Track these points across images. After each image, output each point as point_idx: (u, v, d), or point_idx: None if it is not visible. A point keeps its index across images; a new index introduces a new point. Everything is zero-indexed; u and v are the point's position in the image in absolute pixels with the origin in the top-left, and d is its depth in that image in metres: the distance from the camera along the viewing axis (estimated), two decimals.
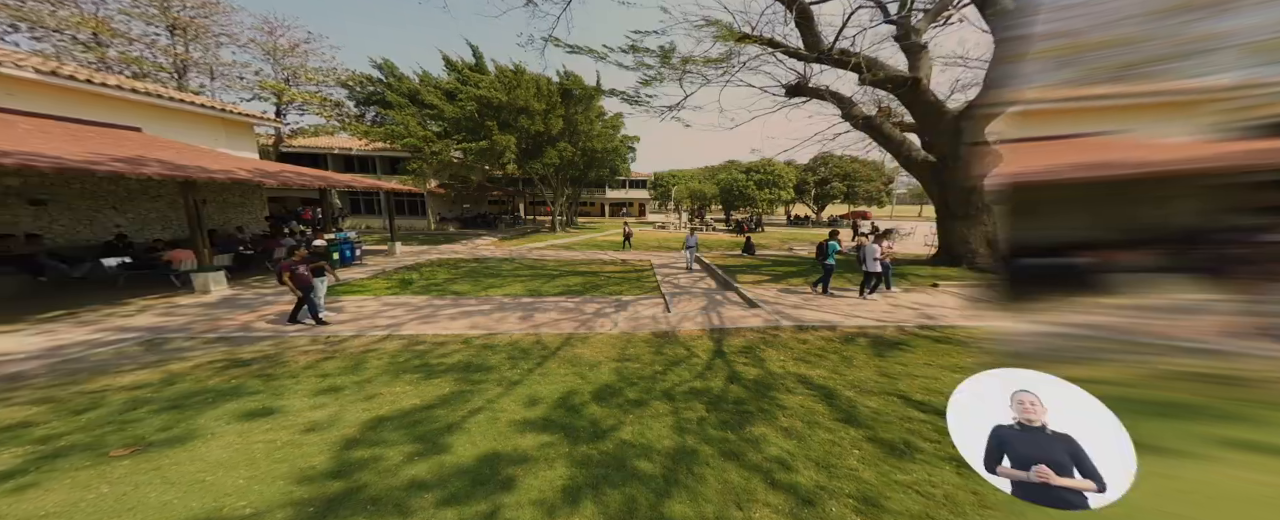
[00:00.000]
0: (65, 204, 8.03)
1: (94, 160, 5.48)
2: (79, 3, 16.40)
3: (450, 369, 4.02)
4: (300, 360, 4.15)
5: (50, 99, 7.63)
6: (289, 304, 5.76)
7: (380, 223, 22.17)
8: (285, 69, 21.10)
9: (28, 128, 6.66)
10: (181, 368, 3.92)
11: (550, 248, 15.38)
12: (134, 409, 3.09)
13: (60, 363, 3.97)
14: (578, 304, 6.93)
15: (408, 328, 5.34)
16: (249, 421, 2.95)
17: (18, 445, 2.58)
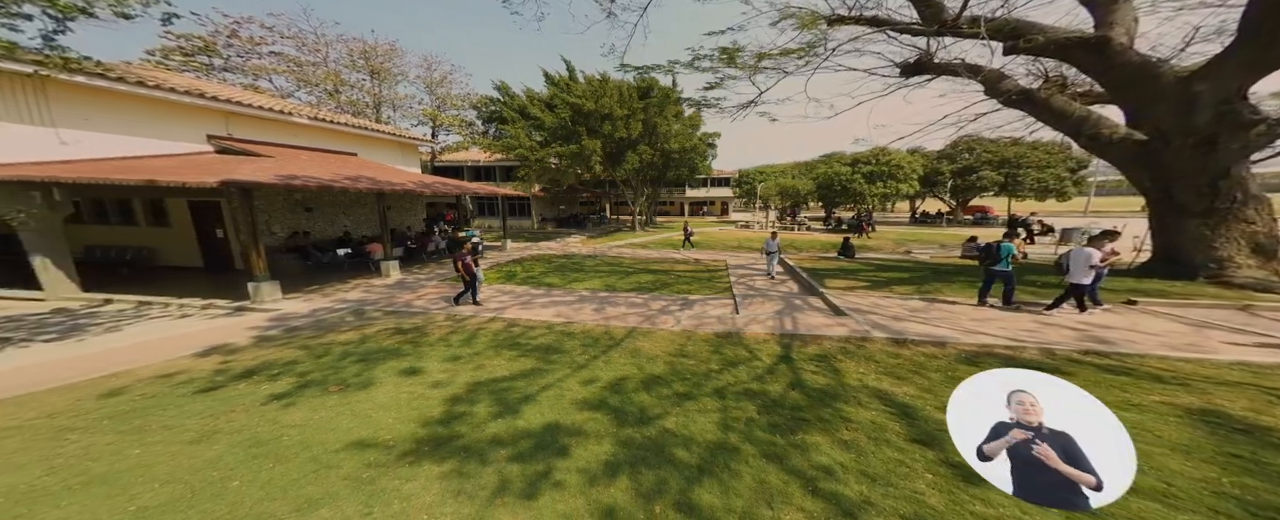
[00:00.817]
0: (320, 211, 11.80)
1: (334, 180, 7.96)
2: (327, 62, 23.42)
3: (534, 349, 4.78)
4: (436, 333, 5.44)
5: (312, 136, 11.28)
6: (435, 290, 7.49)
7: (496, 222, 26.36)
8: (437, 98, 26.60)
9: (305, 159, 10.00)
10: (370, 331, 5.54)
11: (628, 246, 16.21)
12: (343, 359, 4.56)
13: (313, 321, 6.02)
14: (646, 300, 7.29)
15: (509, 312, 6.44)
16: (401, 376, 4.08)
17: (289, 376, 4.09)
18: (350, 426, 3.14)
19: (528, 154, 17.50)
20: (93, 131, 7.29)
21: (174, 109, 8.37)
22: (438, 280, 9.17)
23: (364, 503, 2.32)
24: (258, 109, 9.86)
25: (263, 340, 5.13)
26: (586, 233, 22.04)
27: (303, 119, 10.79)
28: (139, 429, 3.07)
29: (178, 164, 7.44)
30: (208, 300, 6.88)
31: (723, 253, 13.77)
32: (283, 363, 4.38)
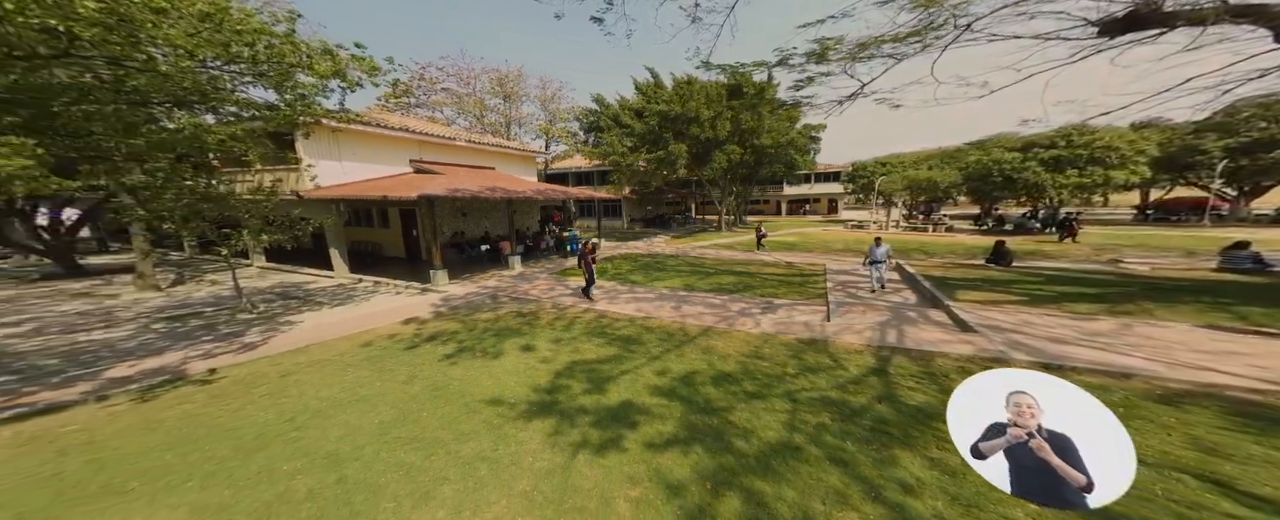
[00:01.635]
0: (470, 215, 15.05)
1: (480, 191, 10.17)
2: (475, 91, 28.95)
3: (618, 339, 5.49)
4: (545, 319, 6.65)
5: (467, 155, 14.40)
6: (546, 283, 8.97)
7: (593, 222, 28.84)
8: (549, 113, 30.33)
9: (464, 174, 12.91)
10: (501, 313, 7.08)
11: (712, 246, 16.02)
12: (485, 333, 6.01)
13: (466, 303, 7.95)
14: (724, 301, 7.39)
15: (599, 305, 7.37)
16: (521, 351, 5.23)
17: (453, 343, 5.64)
18: (488, 385, 4.28)
19: (620, 159, 18.76)
20: (353, 161, 10.82)
21: (393, 141, 11.73)
22: (547, 274, 10.85)
23: (494, 441, 3.27)
24: (437, 137, 13.06)
25: (437, 315, 7.06)
26: (671, 233, 22.52)
27: (462, 142, 13.86)
28: (378, 370, 4.76)
29: (394, 182, 10.54)
30: (408, 283, 9.65)
31: (823, 256, 12.64)
32: (449, 332, 6.03)
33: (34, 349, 5.37)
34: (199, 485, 2.76)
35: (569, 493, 2.67)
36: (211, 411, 3.75)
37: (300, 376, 4.48)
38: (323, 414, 3.70)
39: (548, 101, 30.42)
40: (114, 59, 4.00)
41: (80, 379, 4.43)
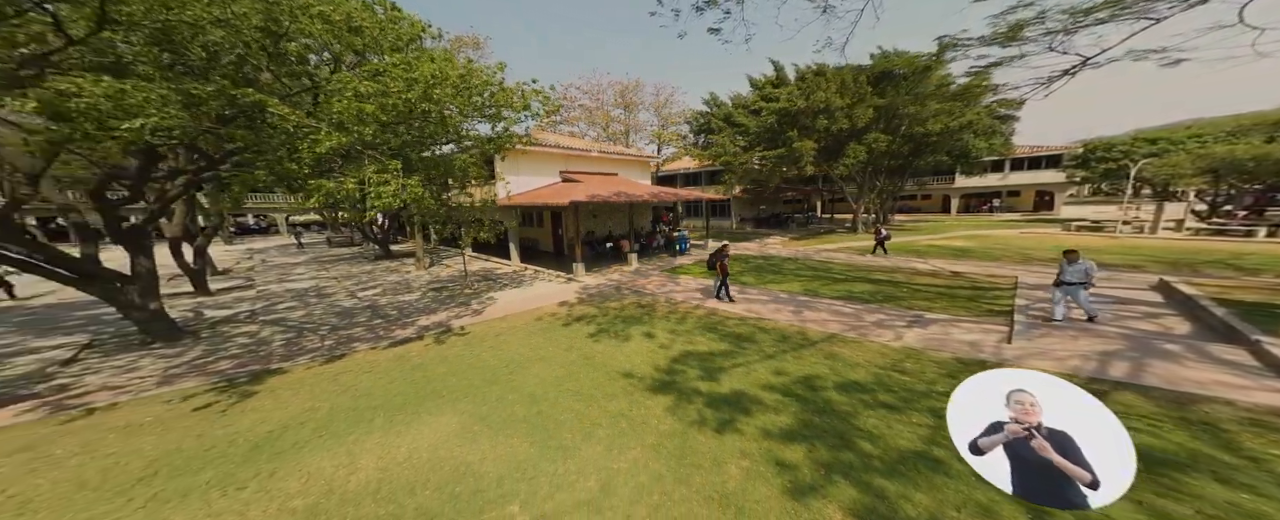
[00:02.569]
0: (599, 216, 17.38)
1: (609, 197, 11.80)
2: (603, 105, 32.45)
3: (729, 335, 5.97)
4: (660, 311, 7.57)
5: (597, 164, 16.66)
6: (659, 278, 9.97)
7: (699, 222, 28.93)
8: (662, 118, 31.76)
9: (596, 182, 15.04)
10: (625, 303, 8.32)
11: (841, 250, 14.44)
12: (615, 319, 7.25)
13: (598, 292, 9.52)
14: (857, 310, 6.98)
15: (709, 303, 7.91)
16: (643, 337, 6.22)
17: (593, 324, 7.04)
18: (622, 361, 5.35)
19: (732, 159, 18.56)
20: (524, 176, 13.84)
21: (549, 157, 14.51)
22: (659, 271, 11.88)
23: (630, 404, 4.21)
24: (578, 150, 15.54)
25: (580, 301, 8.73)
26: (789, 233, 21.13)
27: (595, 153, 16.11)
28: (548, 339, 6.37)
29: (551, 191, 13.15)
30: (557, 272, 12.01)
31: (1016, 267, 10.16)
32: (589, 316, 7.50)
33: (386, 304, 8.93)
34: (470, 399, 4.45)
35: (687, 452, 3.37)
36: (468, 353, 5.76)
37: (506, 337, 6.39)
38: (523, 365, 5.30)
39: (660, 108, 32.00)
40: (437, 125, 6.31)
41: (408, 324, 7.26)
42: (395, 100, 5.09)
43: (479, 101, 6.65)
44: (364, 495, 2.90)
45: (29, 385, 4.87)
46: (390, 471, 3.17)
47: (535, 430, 3.78)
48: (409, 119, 5.73)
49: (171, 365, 5.42)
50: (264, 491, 2.94)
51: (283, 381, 4.86)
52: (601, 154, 16.50)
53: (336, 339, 6.42)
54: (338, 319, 7.68)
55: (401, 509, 2.78)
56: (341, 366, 5.31)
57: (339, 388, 4.60)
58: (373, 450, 3.43)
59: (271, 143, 4.77)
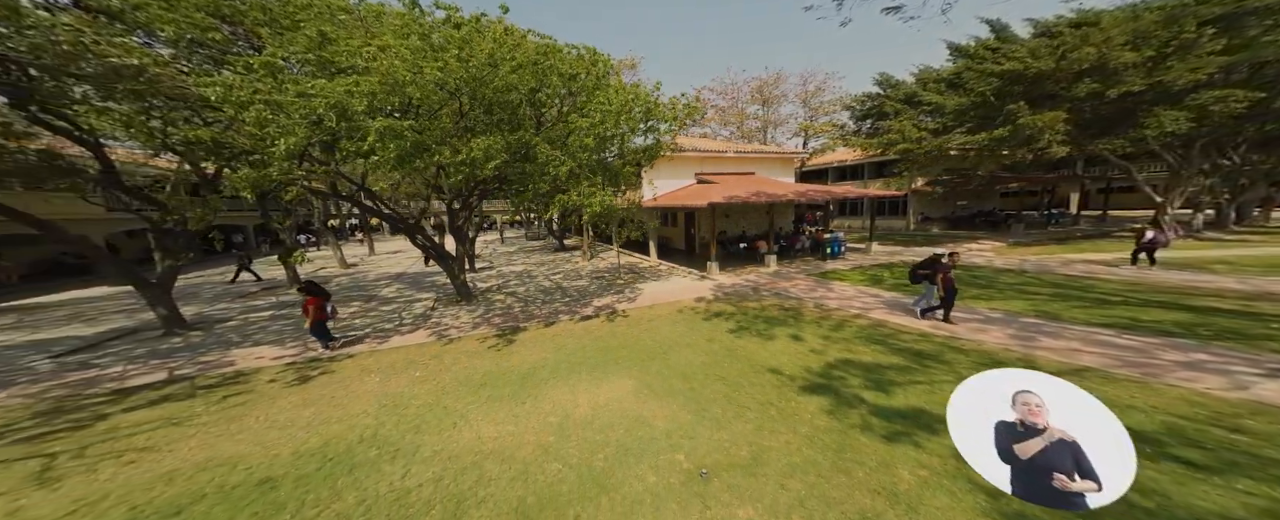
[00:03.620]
0: (731, 216, 17.31)
1: (747, 198, 11.67)
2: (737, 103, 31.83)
3: (904, 350, 5.23)
4: (808, 316, 7.12)
5: (731, 164, 16.59)
6: (805, 282, 9.31)
7: (858, 222, 24.75)
8: (810, 109, 28.67)
9: (731, 182, 15.08)
10: (764, 304, 8.15)
11: (1122, 260, 10.13)
12: (754, 318, 7.23)
13: (734, 291, 9.56)
14: (1143, 343, 5.02)
15: (875, 313, 6.98)
16: (790, 339, 6.03)
17: (732, 321, 7.18)
18: (766, 357, 5.37)
19: (913, 146, 15.38)
20: (663, 179, 15.04)
21: (686, 160, 15.31)
22: (805, 275, 11.02)
23: (778, 396, 4.24)
24: (712, 152, 15.90)
25: (716, 298, 9.01)
26: (1008, 237, 16.15)
27: (731, 154, 16.12)
28: (690, 329, 6.89)
29: (687, 193, 13.95)
30: (690, 269, 12.67)
31: None
32: (727, 313, 7.70)
33: (568, 287, 11.39)
34: (638, 369, 5.28)
35: (847, 448, 3.24)
36: (631, 333, 6.79)
37: (656, 323, 7.25)
38: (673, 348, 5.96)
39: (809, 98, 29.10)
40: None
41: (586, 305, 9.01)
42: (602, 130, 6.54)
43: (639, 115, 7.71)
44: (585, 423, 3.90)
45: (425, 320, 8.18)
46: (597, 410, 4.14)
47: (690, 402, 4.26)
48: (608, 143, 7.15)
49: (474, 317, 8.23)
50: (535, 409, 4.24)
51: (525, 336, 6.75)
52: (737, 154, 16.35)
53: (548, 310, 8.49)
54: (544, 295, 10.09)
55: (607, 438, 3.64)
56: (555, 330, 7.04)
57: (556, 346, 6.15)
58: (585, 394, 4.51)
59: (531, 170, 6.70)
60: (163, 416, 4.32)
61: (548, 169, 6.52)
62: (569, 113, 7.08)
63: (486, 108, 5.92)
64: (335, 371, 5.45)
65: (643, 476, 3.10)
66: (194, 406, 4.51)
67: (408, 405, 4.38)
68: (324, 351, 6.32)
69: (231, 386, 5.05)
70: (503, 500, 2.89)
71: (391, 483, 3.10)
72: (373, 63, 4.56)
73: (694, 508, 2.75)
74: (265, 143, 4.68)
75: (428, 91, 4.97)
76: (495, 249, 22.26)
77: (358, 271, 15.31)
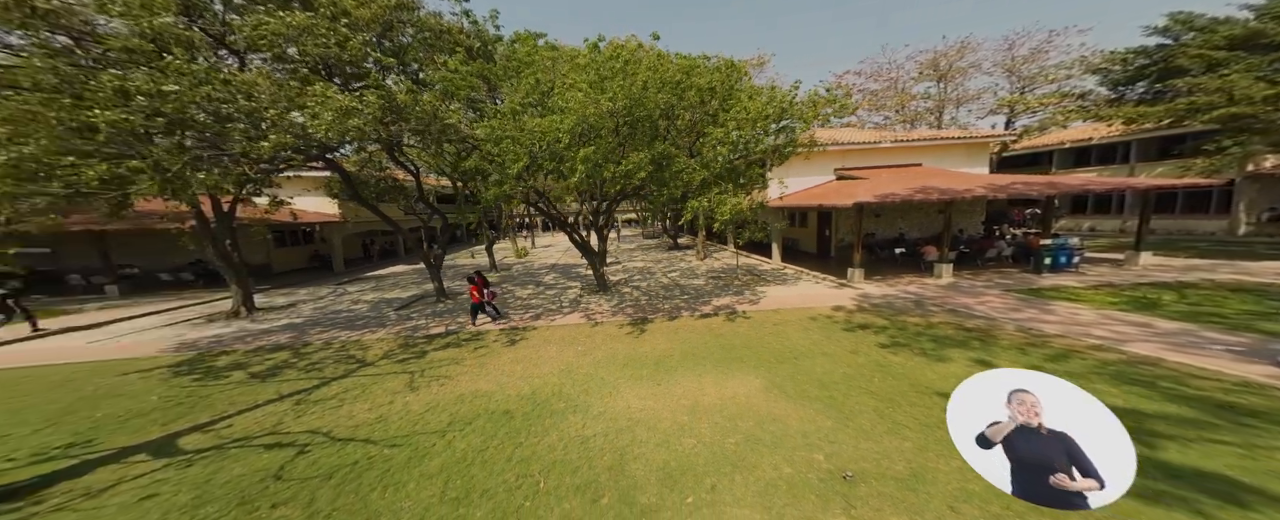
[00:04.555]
0: (884, 216, 14.63)
1: (912, 194, 9.60)
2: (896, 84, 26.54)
3: (1197, 400, 3.63)
4: (1005, 340, 5.56)
5: (887, 155, 14.00)
6: (999, 300, 7.15)
7: (1116, 223, 16.95)
8: (1021, 79, 21.34)
9: (886, 176, 12.77)
10: (933, 321, 6.70)
11: None
12: (918, 335, 6.06)
13: (885, 303, 8.17)
14: None
15: (1137, 346, 4.92)
16: (971, 362, 4.86)
17: (885, 334, 6.19)
18: (933, 379, 4.50)
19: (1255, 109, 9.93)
20: (794, 177, 13.87)
21: (823, 155, 13.74)
22: (1000, 290, 8.48)
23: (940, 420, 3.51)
24: (859, 144, 13.83)
25: (860, 308, 7.89)
26: None
27: (886, 144, 13.69)
28: (827, 337, 6.31)
29: (824, 190, 12.61)
30: (823, 275, 11.36)
31: None
32: (878, 325, 6.68)
33: (685, 285, 12.07)
34: (765, 370, 5.25)
35: None
36: (754, 334, 6.75)
37: (782, 328, 6.94)
38: (804, 355, 5.63)
39: (1018, 66, 21.95)
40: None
41: (705, 303, 9.36)
42: (735, 139, 6.82)
43: (773, 117, 7.52)
44: (714, 410, 4.20)
45: (574, 308, 10.20)
46: (724, 401, 4.39)
47: (830, 409, 3.99)
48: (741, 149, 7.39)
49: (611, 306, 9.67)
50: (668, 391, 4.73)
51: (653, 327, 7.52)
52: (896, 144, 13.76)
53: (670, 306, 9.21)
54: (664, 291, 10.92)
55: (736, 426, 3.84)
56: (677, 325, 7.62)
57: (680, 339, 6.68)
58: (712, 385, 4.82)
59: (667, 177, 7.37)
60: (448, 357, 6.43)
61: (682, 176, 7.10)
62: (702, 123, 7.51)
63: (632, 124, 6.89)
64: (529, 339, 7.18)
65: (777, 466, 3.16)
66: (462, 353, 6.70)
67: (577, 372, 5.46)
68: (472, 325, 8.02)
69: (476, 342, 7.22)
70: (651, 460, 3.40)
71: (577, 430, 3.95)
72: (569, 104, 5.97)
73: (835, 504, 2.68)
74: (504, 166, 6.63)
75: (602, 119, 6.14)
76: (615, 245, 24.41)
77: (524, 262, 18.97)
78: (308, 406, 4.57)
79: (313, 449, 3.64)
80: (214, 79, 4.51)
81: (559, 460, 3.42)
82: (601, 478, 3.17)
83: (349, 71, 6.90)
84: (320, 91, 4.91)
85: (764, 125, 7.44)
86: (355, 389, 5.07)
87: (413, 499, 2.94)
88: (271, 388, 5.14)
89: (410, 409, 4.47)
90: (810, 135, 9.80)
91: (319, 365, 6.03)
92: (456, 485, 3.09)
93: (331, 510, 2.86)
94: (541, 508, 2.85)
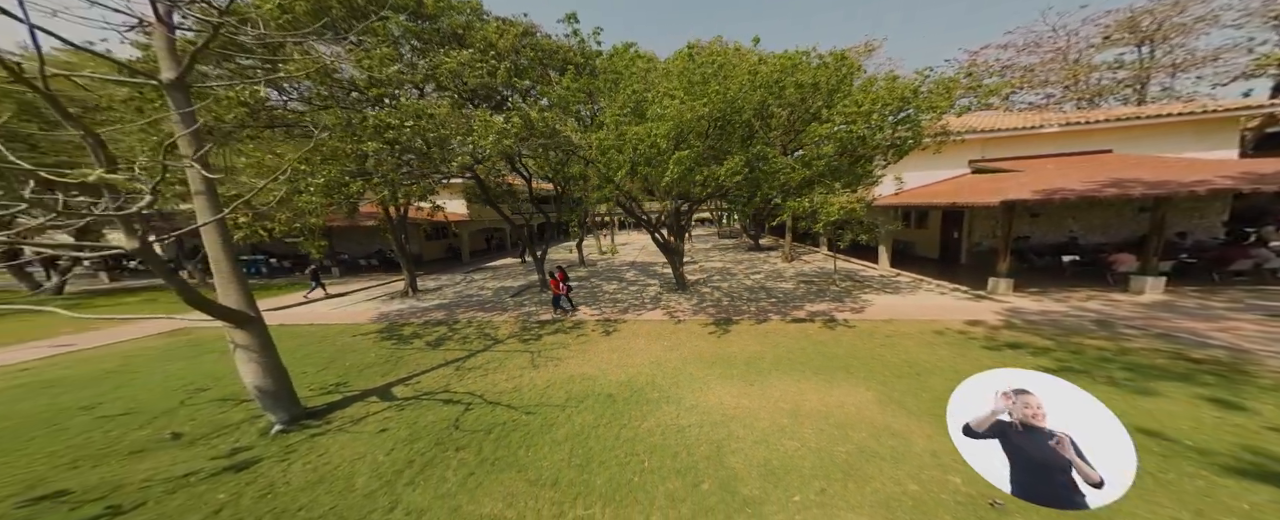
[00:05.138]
0: (1045, 215, 11.63)
1: (1094, 190, 7.42)
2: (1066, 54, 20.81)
3: None
4: (1267, 379, 3.99)
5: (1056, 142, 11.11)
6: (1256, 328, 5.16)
7: None
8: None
9: (1052, 167, 10.07)
10: (1129, 346, 5.17)
11: None
12: (1103, 361, 4.77)
13: (1048, 320, 6.52)
14: None
15: None
16: (1198, 399, 3.66)
17: (1048, 357, 5.01)
18: (1134, 416, 3.51)
19: None
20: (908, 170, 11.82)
21: (954, 146, 11.19)
22: (1262, 315, 6.04)
23: (1164, 466, 2.73)
24: (1007, 130, 11.28)
25: (1008, 325, 6.48)
26: None
27: (1053, 128, 10.91)
28: (961, 355, 5.39)
29: (952, 187, 10.64)
30: (951, 284, 9.54)
31: None
32: (1037, 346, 5.43)
33: (771, 288, 11.51)
34: (878, 383, 4.79)
35: None
36: (861, 344, 6.15)
37: (897, 340, 6.15)
38: (930, 371, 4.92)
39: None
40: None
41: (796, 308, 8.78)
42: (844, 136, 6.39)
43: (892, 109, 6.72)
44: (818, 416, 4.04)
45: (656, 304, 10.64)
46: (829, 409, 4.17)
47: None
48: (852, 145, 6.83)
49: (691, 305, 9.79)
50: (763, 392, 4.57)
51: (738, 329, 7.42)
52: (1069, 128, 10.87)
53: (756, 308, 8.91)
54: (748, 293, 10.56)
55: (847, 436, 3.63)
56: (766, 328, 7.37)
57: (771, 343, 6.47)
58: (814, 392, 4.60)
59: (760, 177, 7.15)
60: (556, 342, 7.23)
61: (779, 176, 6.84)
62: (801, 120, 7.13)
63: (722, 126, 6.80)
64: (620, 331, 7.74)
65: (899, 481, 2.92)
66: (567, 339, 7.55)
67: (666, 365, 5.73)
68: (556, 314, 8.77)
69: (577, 330, 8.05)
70: (751, 456, 3.44)
71: (672, 419, 4.19)
72: (666, 111, 6.34)
73: None
74: (611, 172, 7.31)
75: (696, 122, 6.35)
76: (690, 245, 23.88)
77: (605, 259, 18.94)
78: (464, 373, 5.76)
79: (474, 408, 4.58)
80: (423, 113, 6.12)
81: (659, 444, 3.69)
82: (700, 465, 3.34)
83: (493, 97, 8.42)
84: (482, 117, 6.20)
85: (878, 119, 6.71)
86: (493, 362, 6.18)
87: (548, 460, 3.50)
88: (439, 355, 6.62)
89: (535, 383, 5.27)
90: (942, 124, 8.45)
91: (466, 340, 7.49)
92: (579, 454, 3.59)
93: (495, 458, 3.56)
94: (649, 484, 3.14)
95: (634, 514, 2.83)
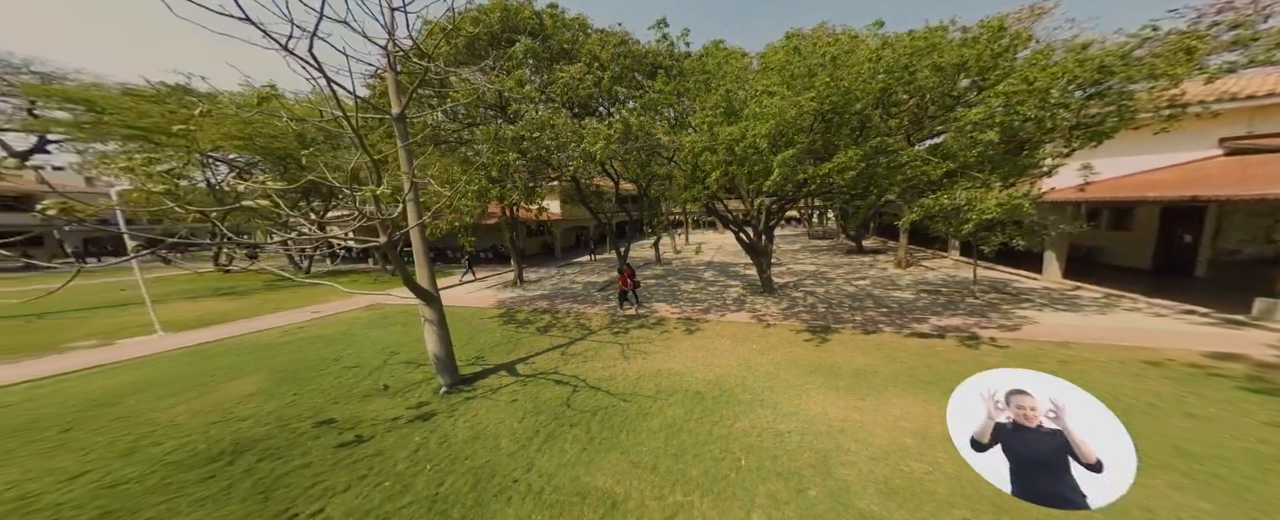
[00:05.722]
0: None
1: None
2: None
3: None
4: None
5: None
6: None
7: None
8: None
9: None
10: None
11: None
12: None
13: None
14: None
15: None
16: None
17: None
18: None
19: None
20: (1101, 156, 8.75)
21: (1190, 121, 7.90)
22: None
23: None
24: None
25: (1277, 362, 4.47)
26: None
27: None
28: (1190, 391, 3.96)
29: (1180, 175, 7.73)
30: (1163, 302, 6.99)
31: None
32: None
33: (881, 296, 10.01)
34: None
35: None
36: (1017, 368, 5.03)
37: (1078, 368, 4.81)
38: (1141, 410, 3.76)
39: None
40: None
41: (920, 321, 7.48)
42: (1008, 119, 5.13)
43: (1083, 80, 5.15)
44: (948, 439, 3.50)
45: (739, 306, 10.19)
46: None
47: (1213, 490, 2.63)
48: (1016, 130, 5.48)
49: (780, 309, 9.21)
50: (878, 408, 4.16)
51: (839, 338, 6.71)
52: None
53: (862, 317, 7.89)
54: (851, 300, 9.40)
55: None
56: (878, 340, 6.49)
57: (885, 356, 5.69)
58: (939, 414, 3.96)
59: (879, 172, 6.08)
60: (642, 336, 7.45)
61: (906, 170, 5.87)
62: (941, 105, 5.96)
63: (827, 121, 6.07)
64: (703, 330, 7.66)
65: None
66: (651, 334, 7.80)
67: (756, 369, 5.50)
68: (620, 310, 8.97)
69: (660, 327, 8.23)
70: (866, 471, 3.14)
71: (768, 423, 4.04)
72: (766, 108, 6.00)
73: None
74: (704, 175, 7.16)
75: (801, 118, 5.77)
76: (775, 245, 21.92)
77: (681, 258, 18.68)
78: (568, 358, 6.45)
79: (580, 390, 5.08)
80: (547, 124, 7.02)
81: (756, 445, 3.60)
82: (804, 471, 3.19)
83: (590, 104, 9.20)
84: (592, 125, 6.86)
85: (1061, 96, 5.24)
86: (590, 350, 6.77)
87: (645, 446, 3.72)
88: (547, 339, 7.55)
89: (628, 374, 5.60)
90: (1177, 91, 6.21)
91: (567, 328, 8.35)
92: (674, 444, 3.73)
93: (601, 438, 3.91)
94: (747, 481, 3.11)
95: (733, 507, 2.86)
